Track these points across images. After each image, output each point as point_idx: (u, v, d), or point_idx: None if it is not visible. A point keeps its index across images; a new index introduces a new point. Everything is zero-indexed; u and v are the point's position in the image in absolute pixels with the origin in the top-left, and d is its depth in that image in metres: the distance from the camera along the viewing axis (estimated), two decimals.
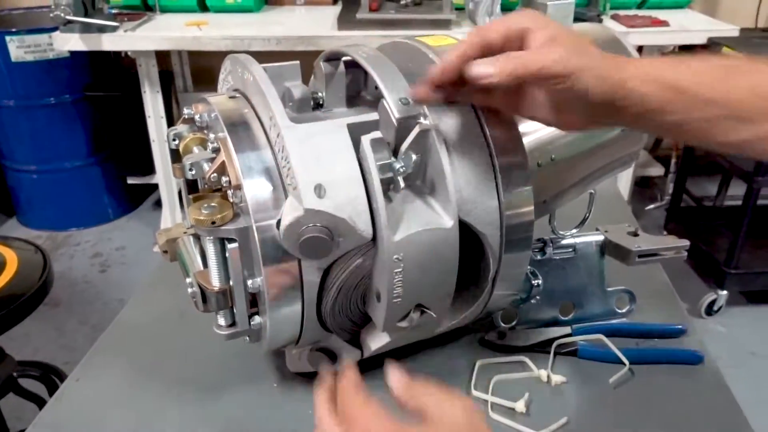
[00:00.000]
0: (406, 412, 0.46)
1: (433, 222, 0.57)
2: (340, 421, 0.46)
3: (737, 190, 2.49)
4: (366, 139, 0.55)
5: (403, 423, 0.44)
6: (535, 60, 0.50)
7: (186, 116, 0.64)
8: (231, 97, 0.62)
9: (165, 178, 2.54)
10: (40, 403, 1.45)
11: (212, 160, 0.58)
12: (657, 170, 3.00)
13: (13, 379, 1.46)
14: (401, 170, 0.55)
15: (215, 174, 0.57)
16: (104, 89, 2.69)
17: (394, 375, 0.48)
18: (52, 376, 1.58)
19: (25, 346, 2.04)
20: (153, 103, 2.41)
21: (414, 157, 0.55)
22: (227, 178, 0.56)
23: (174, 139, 0.64)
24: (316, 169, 0.53)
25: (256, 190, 0.55)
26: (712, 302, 2.21)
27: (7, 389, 1.44)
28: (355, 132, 0.56)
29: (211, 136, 0.60)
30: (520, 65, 0.50)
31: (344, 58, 0.63)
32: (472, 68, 0.51)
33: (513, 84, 0.51)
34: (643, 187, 3.15)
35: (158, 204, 2.82)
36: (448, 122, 0.59)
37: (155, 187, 2.79)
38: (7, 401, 1.46)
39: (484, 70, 0.50)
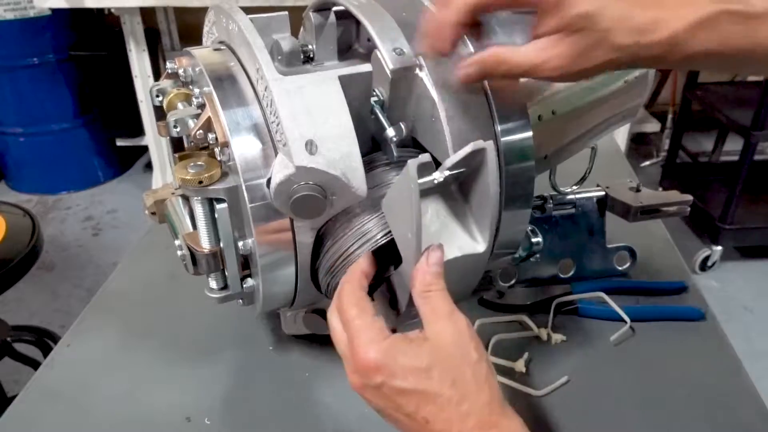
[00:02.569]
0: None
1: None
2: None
3: (733, 145, 2.48)
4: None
5: (397, 336, 0.44)
6: None
7: (169, 71, 0.61)
8: (216, 50, 0.59)
9: (155, 139, 2.50)
10: (37, 367, 1.44)
11: (198, 116, 0.56)
12: (653, 126, 2.98)
13: (8, 344, 1.45)
14: (394, 139, 0.53)
15: (201, 131, 0.54)
16: (89, 49, 2.62)
17: (421, 267, 0.46)
18: (46, 340, 1.58)
19: (20, 310, 2.04)
20: (139, 63, 2.35)
21: (404, 128, 0.53)
22: (214, 135, 0.54)
23: (157, 96, 0.61)
24: (306, 123, 0.51)
25: (244, 147, 0.52)
26: (707, 258, 2.22)
27: (2, 354, 1.44)
28: (347, 84, 0.53)
29: (196, 91, 0.57)
30: None
31: (335, 8, 0.59)
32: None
33: None
34: (638, 143, 3.13)
35: (149, 166, 2.78)
36: (444, 73, 0.56)
37: (145, 148, 2.75)
38: (4, 366, 1.46)
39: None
